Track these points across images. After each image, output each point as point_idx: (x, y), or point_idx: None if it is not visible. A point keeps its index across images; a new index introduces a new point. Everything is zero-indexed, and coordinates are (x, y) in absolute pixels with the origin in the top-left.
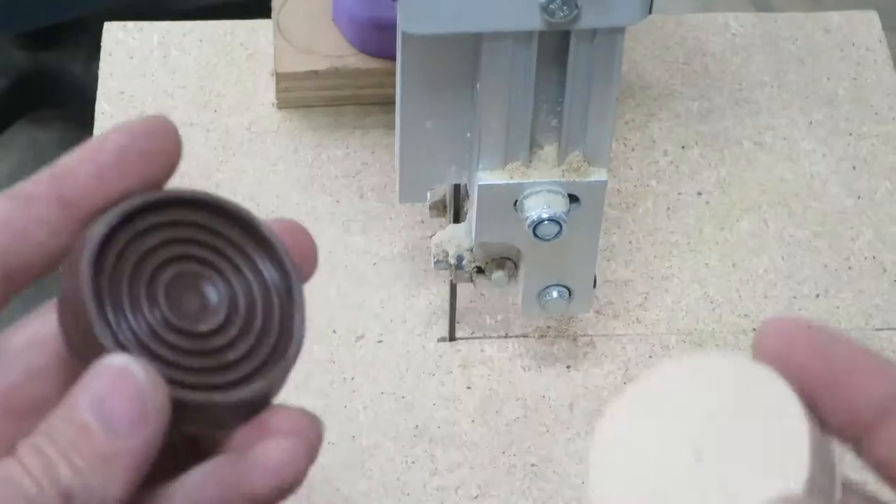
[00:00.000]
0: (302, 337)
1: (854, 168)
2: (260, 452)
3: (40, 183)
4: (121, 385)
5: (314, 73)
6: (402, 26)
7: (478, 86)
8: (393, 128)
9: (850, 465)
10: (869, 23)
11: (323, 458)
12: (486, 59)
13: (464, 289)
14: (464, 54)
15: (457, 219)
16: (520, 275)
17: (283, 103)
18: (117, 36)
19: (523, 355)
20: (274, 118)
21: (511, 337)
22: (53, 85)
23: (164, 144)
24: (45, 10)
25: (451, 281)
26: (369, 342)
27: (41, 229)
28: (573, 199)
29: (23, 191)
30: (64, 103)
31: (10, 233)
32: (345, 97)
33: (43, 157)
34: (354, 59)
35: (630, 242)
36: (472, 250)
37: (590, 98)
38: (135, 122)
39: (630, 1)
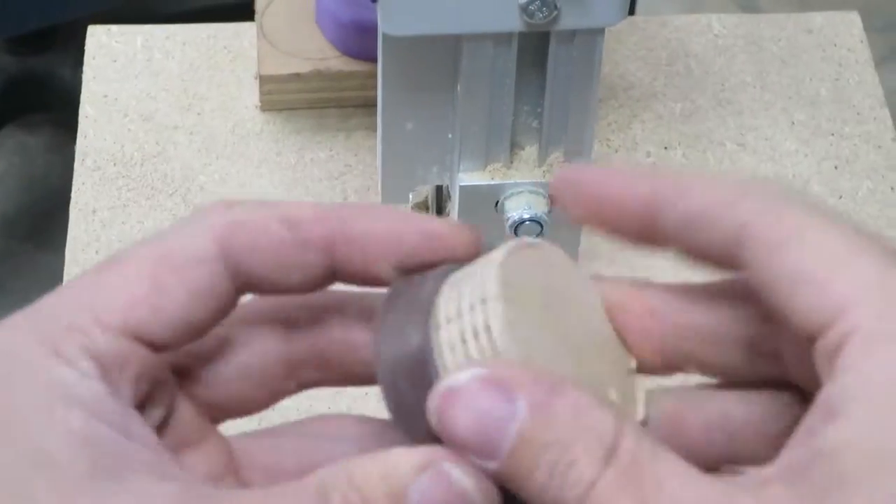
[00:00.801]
0: None
1: (836, 168)
2: None
3: (316, 225)
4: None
5: (297, 76)
6: (382, 28)
7: (458, 87)
8: (375, 130)
9: None
10: (850, 23)
11: None
12: (467, 60)
13: None
14: (444, 56)
15: None
16: None
17: (267, 106)
18: (101, 39)
19: None
20: (257, 121)
21: None
22: (42, 89)
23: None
24: (34, 15)
25: None
26: None
27: (299, 274)
28: (554, 199)
29: (301, 226)
30: (53, 108)
31: (275, 262)
32: (328, 99)
33: (32, 162)
34: (337, 62)
35: (613, 242)
36: None
37: (570, 99)
38: (441, 224)
39: (609, 2)
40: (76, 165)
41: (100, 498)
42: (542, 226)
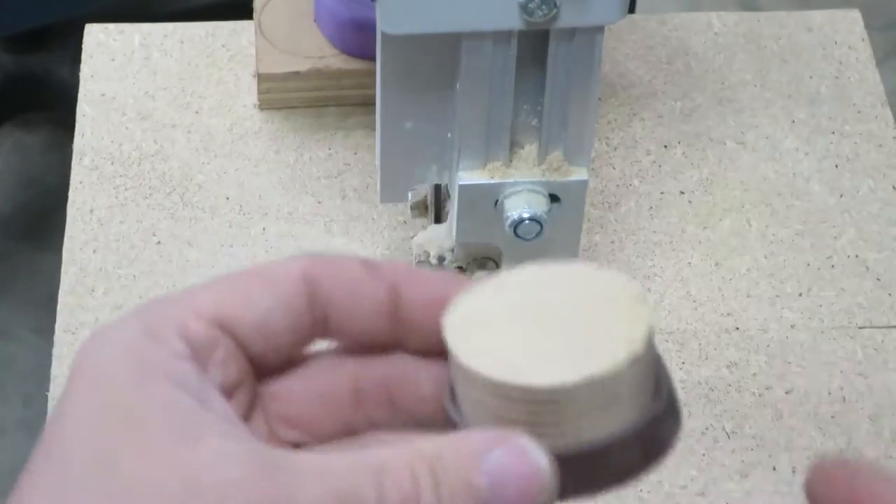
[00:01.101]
0: (671, 380)
1: (836, 166)
2: None
3: (387, 265)
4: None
5: (296, 74)
6: (381, 27)
7: (458, 86)
8: (374, 128)
9: None
10: (851, 21)
11: None
12: (466, 58)
13: None
14: (443, 54)
15: (438, 219)
16: None
17: (265, 104)
18: (98, 38)
19: None
20: (256, 119)
21: None
22: (39, 88)
23: None
24: (31, 13)
25: None
26: None
27: (368, 302)
28: (554, 198)
29: (374, 263)
30: (50, 106)
31: (349, 287)
32: (326, 98)
33: (29, 161)
34: (336, 60)
35: (613, 242)
36: (453, 250)
37: (570, 97)
38: None
39: (609, 0)
40: (74, 164)
41: (177, 454)
42: (541, 225)
